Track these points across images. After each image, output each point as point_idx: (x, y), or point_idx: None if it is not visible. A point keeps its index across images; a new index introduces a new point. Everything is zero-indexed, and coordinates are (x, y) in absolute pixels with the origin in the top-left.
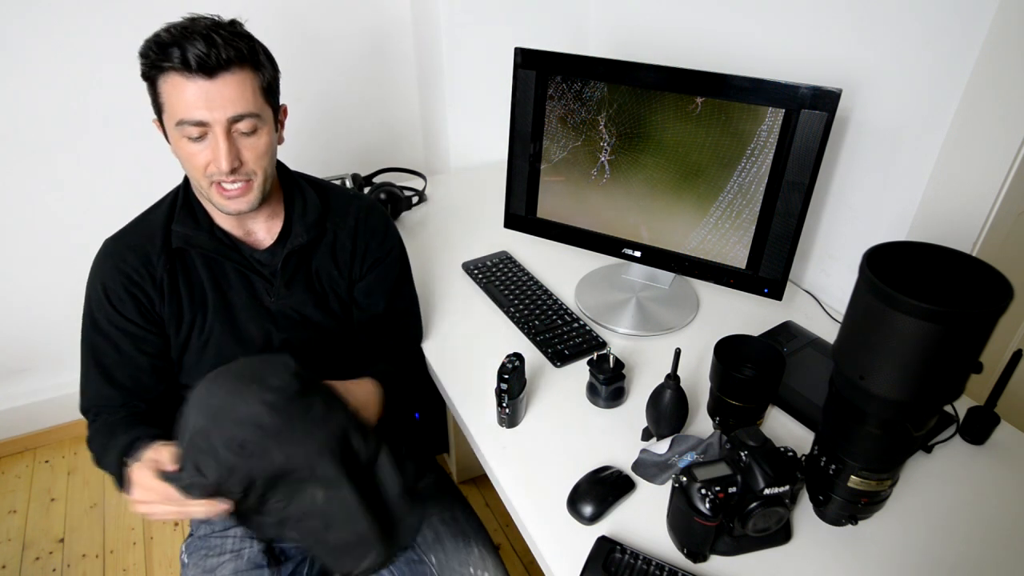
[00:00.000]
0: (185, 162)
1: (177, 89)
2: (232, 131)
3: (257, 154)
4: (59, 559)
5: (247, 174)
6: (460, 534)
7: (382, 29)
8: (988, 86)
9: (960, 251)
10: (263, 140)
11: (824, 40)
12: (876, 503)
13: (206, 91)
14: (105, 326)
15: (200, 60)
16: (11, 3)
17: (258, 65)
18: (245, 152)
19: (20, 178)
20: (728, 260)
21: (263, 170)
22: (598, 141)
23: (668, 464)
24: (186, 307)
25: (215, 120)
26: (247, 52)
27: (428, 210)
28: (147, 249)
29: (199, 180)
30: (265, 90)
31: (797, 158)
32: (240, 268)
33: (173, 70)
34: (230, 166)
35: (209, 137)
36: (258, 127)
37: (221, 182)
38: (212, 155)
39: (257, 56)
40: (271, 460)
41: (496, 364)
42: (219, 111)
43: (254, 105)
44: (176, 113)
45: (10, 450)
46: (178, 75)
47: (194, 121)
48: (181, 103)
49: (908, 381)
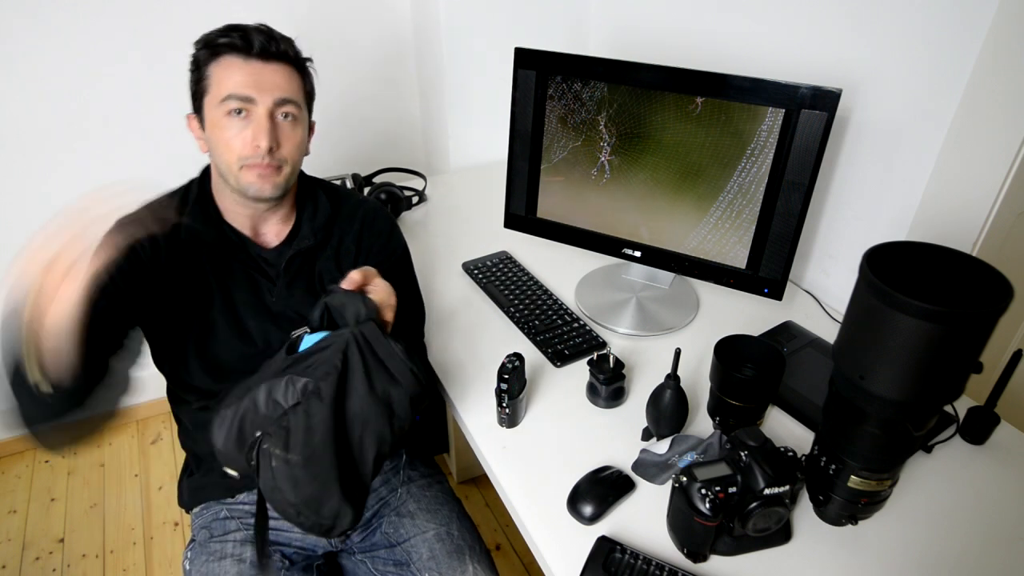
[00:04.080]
0: (220, 144)
1: (230, 69)
2: (275, 114)
3: (293, 144)
4: (59, 559)
5: (280, 159)
6: (455, 551)
7: (382, 29)
8: (988, 86)
9: (960, 251)
10: (299, 132)
11: (824, 40)
12: (876, 503)
13: (259, 71)
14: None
15: (262, 45)
16: (10, 3)
17: (303, 71)
18: (283, 138)
19: (20, 178)
20: (728, 260)
21: (293, 162)
22: (598, 141)
23: (668, 464)
24: (191, 299)
25: (262, 99)
26: (299, 54)
27: (428, 210)
28: (156, 235)
29: (230, 163)
30: (307, 94)
31: (797, 158)
32: (245, 266)
33: (231, 51)
34: (269, 144)
35: (252, 116)
36: (297, 118)
37: (254, 162)
38: (253, 133)
39: (303, 64)
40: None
41: (496, 364)
42: (267, 92)
43: (298, 95)
44: (225, 89)
45: (10, 450)
46: (235, 56)
47: (242, 96)
48: (231, 80)
49: (908, 381)
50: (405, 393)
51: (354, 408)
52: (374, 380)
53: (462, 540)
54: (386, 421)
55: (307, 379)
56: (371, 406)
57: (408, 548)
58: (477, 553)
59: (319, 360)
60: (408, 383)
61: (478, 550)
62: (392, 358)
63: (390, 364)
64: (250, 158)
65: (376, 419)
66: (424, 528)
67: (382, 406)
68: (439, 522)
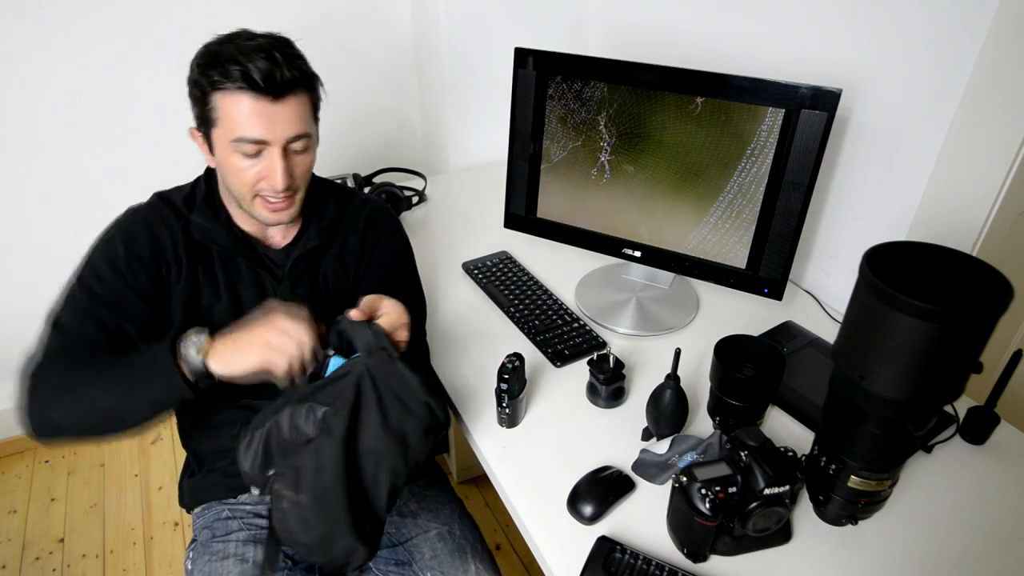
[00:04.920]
0: (232, 176)
1: (238, 107)
2: (288, 150)
3: (304, 170)
4: (59, 559)
5: (294, 189)
6: (457, 550)
7: (382, 29)
8: (988, 86)
9: (960, 251)
10: (310, 157)
11: (824, 40)
12: (876, 503)
13: (270, 112)
14: (112, 281)
15: (267, 78)
16: (10, 3)
17: (311, 87)
18: (296, 168)
19: (19, 178)
20: (728, 260)
21: (305, 185)
22: (598, 141)
23: (668, 464)
24: (200, 293)
25: (275, 140)
26: (308, 72)
27: (428, 210)
28: (174, 227)
29: (243, 193)
30: (315, 110)
31: (797, 158)
32: (252, 265)
33: (235, 88)
34: (285, 184)
35: (265, 155)
36: (308, 145)
37: (268, 196)
38: (268, 172)
39: (311, 79)
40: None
41: (496, 364)
42: (280, 132)
43: (309, 125)
44: (234, 130)
45: (10, 450)
46: (240, 93)
47: (254, 139)
48: (241, 120)
49: (908, 381)
50: (420, 425)
51: (367, 443)
52: (388, 414)
53: (464, 539)
54: (400, 455)
55: (326, 408)
56: (384, 441)
57: (410, 548)
58: (479, 552)
59: (335, 390)
60: (422, 416)
61: (480, 549)
62: (406, 388)
63: (404, 395)
64: (264, 191)
65: (390, 453)
66: (426, 528)
67: (396, 440)
68: (441, 522)
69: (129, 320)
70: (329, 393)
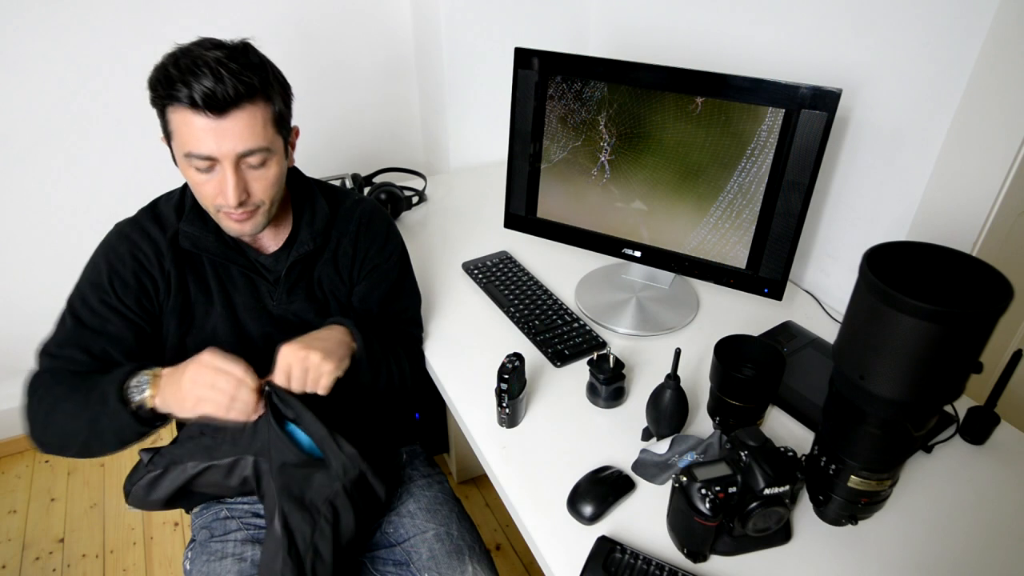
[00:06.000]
0: (193, 187)
1: (185, 122)
2: (241, 164)
3: (265, 185)
4: (59, 559)
5: (254, 204)
6: (455, 551)
7: (382, 29)
8: (988, 86)
9: (960, 251)
10: (272, 171)
11: (824, 40)
12: (876, 503)
13: (214, 127)
14: (96, 304)
15: (207, 98)
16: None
17: (269, 96)
18: (253, 184)
19: (19, 178)
20: (728, 260)
21: (271, 199)
22: (598, 141)
23: (668, 464)
24: (193, 302)
25: (223, 155)
26: (258, 84)
27: (428, 210)
28: (159, 241)
29: (206, 205)
30: (276, 120)
31: (797, 158)
32: (244, 270)
33: (183, 105)
34: (237, 200)
35: (217, 170)
36: (267, 160)
37: (226, 210)
38: (219, 188)
39: (268, 88)
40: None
41: (496, 364)
42: (228, 147)
43: (263, 139)
44: (184, 145)
45: (10, 450)
46: (186, 109)
47: (202, 155)
48: (189, 136)
49: (908, 381)
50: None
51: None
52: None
53: (462, 540)
54: (327, 523)
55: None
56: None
57: (408, 548)
58: (477, 553)
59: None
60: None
61: (478, 550)
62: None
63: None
64: (223, 207)
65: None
66: (424, 528)
67: (320, 517)
68: (439, 522)
69: (113, 344)
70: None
